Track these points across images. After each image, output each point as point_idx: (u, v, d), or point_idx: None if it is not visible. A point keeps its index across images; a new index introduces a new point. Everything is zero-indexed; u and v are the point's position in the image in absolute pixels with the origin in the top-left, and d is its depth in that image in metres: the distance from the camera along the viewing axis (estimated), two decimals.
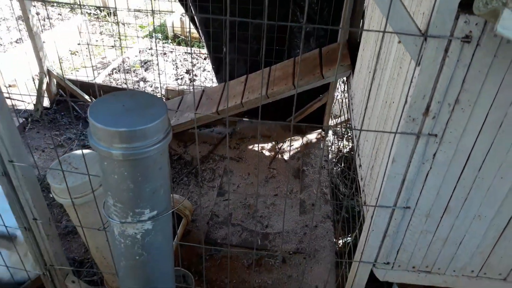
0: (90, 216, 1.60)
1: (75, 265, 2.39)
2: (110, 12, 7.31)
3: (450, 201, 1.37)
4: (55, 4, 7.34)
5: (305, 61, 3.21)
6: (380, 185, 1.39)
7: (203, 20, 3.49)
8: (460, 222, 1.43)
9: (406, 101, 1.17)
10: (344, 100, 4.01)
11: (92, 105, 1.08)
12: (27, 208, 1.60)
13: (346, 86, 4.08)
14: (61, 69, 4.76)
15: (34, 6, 3.60)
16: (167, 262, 1.41)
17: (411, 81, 1.13)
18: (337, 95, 3.95)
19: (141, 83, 4.81)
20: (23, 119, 3.53)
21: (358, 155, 2.20)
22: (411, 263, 1.58)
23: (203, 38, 3.72)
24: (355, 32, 3.17)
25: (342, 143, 3.58)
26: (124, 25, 7.08)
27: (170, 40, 6.52)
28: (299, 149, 3.38)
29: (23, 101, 4.12)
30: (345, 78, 3.86)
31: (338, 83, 3.82)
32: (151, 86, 4.82)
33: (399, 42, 1.17)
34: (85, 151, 1.65)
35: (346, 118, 3.66)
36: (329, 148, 3.47)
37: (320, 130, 3.61)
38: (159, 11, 6.77)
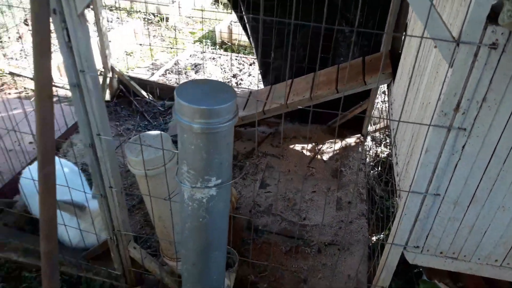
0: (158, 188, 1.87)
1: None
2: (163, 18, 7.77)
3: (476, 190, 1.54)
4: (113, 8, 7.89)
5: (349, 68, 3.41)
6: (414, 174, 1.57)
7: (254, 28, 3.76)
8: (485, 212, 1.59)
9: (439, 98, 1.36)
10: (383, 108, 4.17)
11: (178, 88, 1.34)
12: (106, 177, 1.89)
13: (386, 94, 4.24)
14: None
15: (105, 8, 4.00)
16: (223, 228, 1.65)
17: (444, 81, 1.33)
18: (377, 103, 4.10)
19: None
20: None
21: (395, 154, 2.38)
22: (439, 248, 1.75)
23: (253, 44, 4.01)
24: (397, 43, 3.35)
25: (380, 149, 3.74)
26: (175, 30, 7.52)
27: (217, 46, 6.86)
28: (338, 151, 3.57)
29: None
30: (386, 87, 4.03)
31: (378, 93, 3.98)
32: None
33: (435, 47, 1.36)
34: (156, 132, 1.93)
35: (385, 125, 3.82)
36: (367, 152, 3.63)
37: (359, 134, 3.78)
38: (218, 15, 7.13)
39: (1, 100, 4.14)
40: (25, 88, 4.81)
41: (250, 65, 6.03)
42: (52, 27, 1.49)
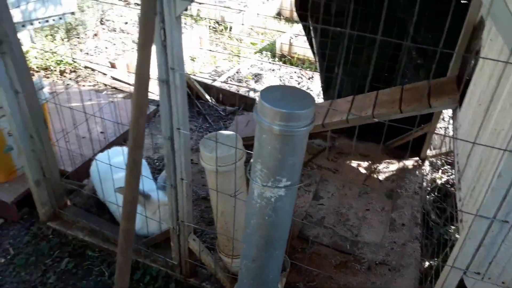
0: (225, 184, 1.97)
1: None
2: (227, 27, 8.04)
3: None
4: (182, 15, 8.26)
5: (413, 90, 3.39)
6: (482, 199, 1.57)
7: (322, 43, 3.84)
8: None
9: None
10: (444, 133, 4.08)
11: (263, 91, 1.44)
12: (179, 169, 2.02)
13: (445, 120, 4.16)
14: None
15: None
16: (286, 229, 1.72)
17: None
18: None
19: (251, 93, 5.30)
20: (155, 107, 4.17)
21: (459, 179, 2.35)
22: (502, 277, 1.71)
23: (317, 59, 4.08)
24: (465, 69, 3.30)
25: (437, 174, 3.67)
26: (237, 40, 7.76)
27: (277, 59, 7.00)
28: (394, 172, 3.54)
29: (153, 93, 4.80)
30: (445, 112, 3.96)
31: (440, 119, 3.91)
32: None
33: None
34: (229, 132, 2.04)
35: (446, 151, 3.74)
36: (424, 177, 3.57)
37: (417, 158, 3.73)
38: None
39: (77, 91, 4.47)
40: (97, 82, 5.16)
41: (309, 79, 6.10)
42: None
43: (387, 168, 3.60)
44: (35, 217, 2.90)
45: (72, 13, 5.22)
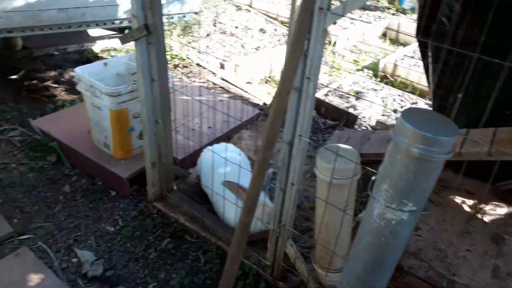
0: (336, 197, 1.98)
1: None
2: (331, 42, 8.05)
3: None
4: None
5: None
6: None
7: (439, 70, 3.70)
8: None
9: None
10: None
11: (404, 112, 1.43)
12: (292, 174, 2.07)
13: None
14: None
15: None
16: (399, 254, 1.69)
17: None
18: None
19: (351, 109, 5.25)
20: (259, 111, 4.31)
21: None
22: None
23: (430, 85, 3.93)
24: None
25: None
26: (340, 55, 7.73)
27: (378, 79, 6.85)
28: (502, 216, 3.28)
29: (256, 97, 4.97)
30: None
31: None
32: (358, 115, 5.21)
33: None
34: (348, 146, 2.05)
35: None
36: None
37: None
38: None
39: (190, 85, 4.78)
40: (207, 80, 5.46)
41: (412, 104, 5.89)
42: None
43: (494, 210, 3.34)
44: (143, 195, 3.15)
45: (195, 13, 5.59)
